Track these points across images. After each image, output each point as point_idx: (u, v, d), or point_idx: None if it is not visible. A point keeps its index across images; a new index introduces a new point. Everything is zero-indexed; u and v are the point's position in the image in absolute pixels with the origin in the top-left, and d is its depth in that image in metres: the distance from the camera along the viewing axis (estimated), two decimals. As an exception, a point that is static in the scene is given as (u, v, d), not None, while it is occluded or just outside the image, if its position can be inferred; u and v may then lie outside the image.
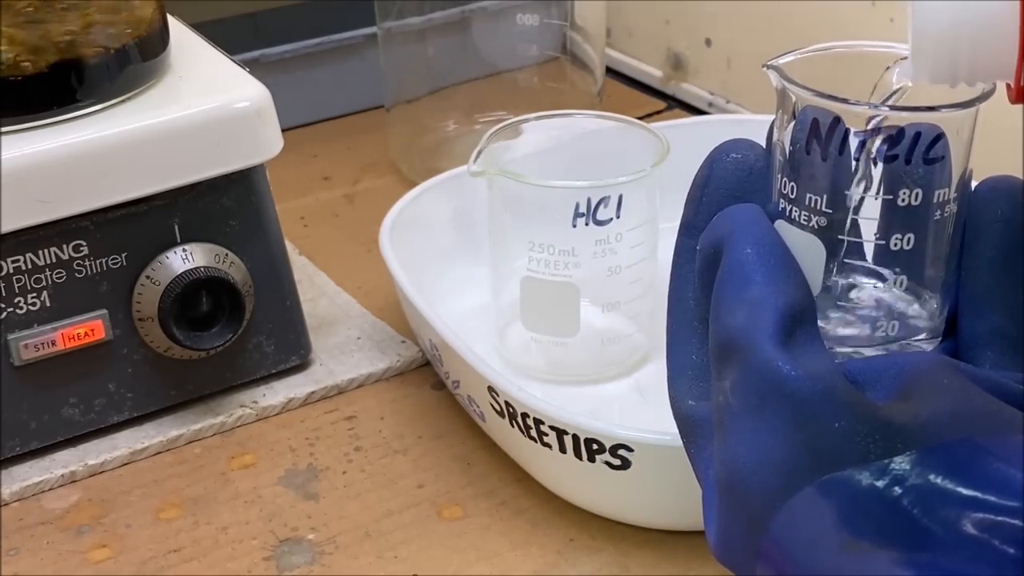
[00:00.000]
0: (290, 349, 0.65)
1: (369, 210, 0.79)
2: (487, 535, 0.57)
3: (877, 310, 0.38)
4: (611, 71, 0.96)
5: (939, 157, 0.35)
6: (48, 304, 0.58)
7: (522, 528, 0.57)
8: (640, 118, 0.67)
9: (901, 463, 0.31)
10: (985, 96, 0.35)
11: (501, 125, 0.63)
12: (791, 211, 0.36)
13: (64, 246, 0.58)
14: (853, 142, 0.35)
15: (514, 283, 0.62)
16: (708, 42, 0.92)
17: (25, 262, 0.57)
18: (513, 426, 0.56)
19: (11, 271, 0.57)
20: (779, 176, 0.37)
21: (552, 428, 0.54)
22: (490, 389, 0.56)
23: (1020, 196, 0.37)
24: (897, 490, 0.31)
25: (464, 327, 0.61)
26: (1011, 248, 0.37)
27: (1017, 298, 0.37)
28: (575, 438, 0.53)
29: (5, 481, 0.59)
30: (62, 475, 0.60)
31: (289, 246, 0.67)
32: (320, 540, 0.56)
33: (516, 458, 0.59)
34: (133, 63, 0.60)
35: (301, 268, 0.73)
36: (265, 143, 0.62)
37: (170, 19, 0.64)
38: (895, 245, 0.37)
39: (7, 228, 0.56)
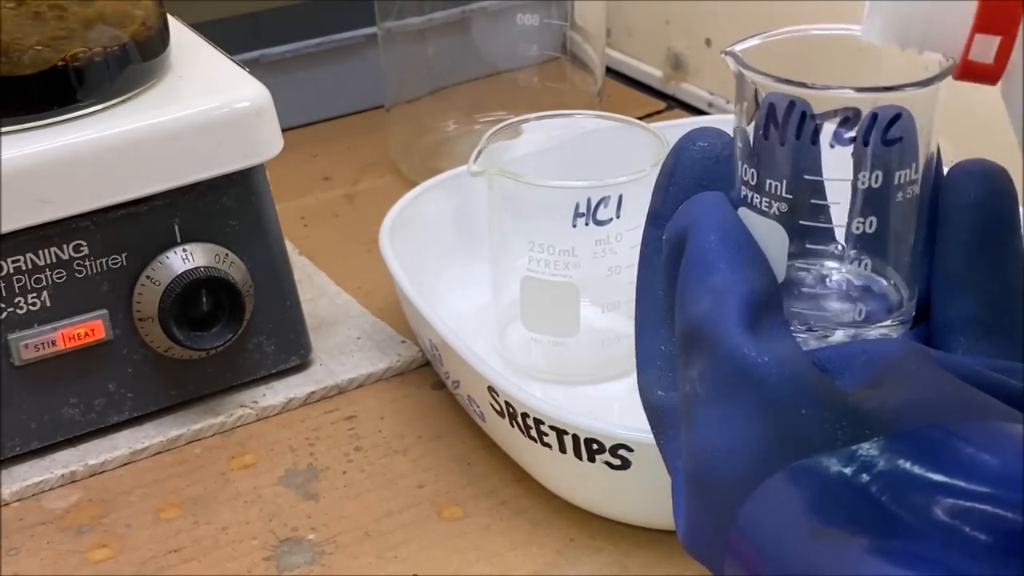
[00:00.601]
0: (290, 349, 0.65)
1: (369, 210, 0.79)
2: (487, 535, 0.57)
3: (842, 295, 0.37)
4: (611, 71, 0.96)
5: (897, 138, 0.35)
6: (48, 304, 0.58)
7: (522, 528, 0.57)
8: (640, 118, 0.67)
9: (869, 449, 0.31)
10: (943, 74, 0.35)
11: (501, 125, 0.63)
12: (752, 198, 0.36)
13: (64, 246, 0.58)
14: (809, 125, 0.35)
15: (514, 283, 0.62)
16: (708, 42, 0.92)
17: (25, 262, 0.57)
18: (513, 426, 0.56)
19: (11, 271, 0.57)
20: (740, 163, 0.37)
21: (552, 428, 0.54)
22: (490, 389, 0.56)
23: (994, 180, 0.36)
24: (865, 477, 0.30)
25: (464, 327, 0.61)
26: (984, 233, 0.36)
27: (990, 284, 0.36)
28: (575, 438, 0.53)
29: (5, 481, 0.59)
30: (62, 475, 0.60)
31: (289, 246, 0.67)
32: (320, 540, 0.56)
33: (516, 458, 0.59)
34: (133, 63, 0.60)
35: (301, 268, 0.73)
36: (265, 143, 0.62)
37: (170, 19, 0.64)
38: (857, 228, 0.36)
39: (7, 228, 0.56)
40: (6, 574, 0.55)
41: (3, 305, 0.57)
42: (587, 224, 0.59)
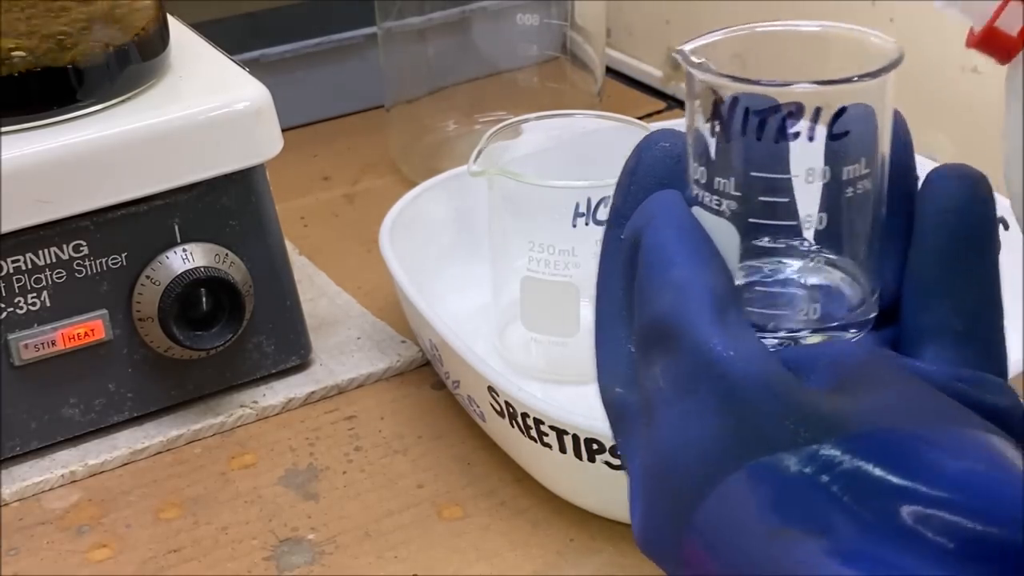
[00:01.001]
0: (290, 349, 0.65)
1: (369, 210, 0.79)
2: (487, 535, 0.57)
3: (795, 294, 0.37)
4: (611, 71, 0.96)
5: (844, 132, 0.34)
6: (48, 304, 0.58)
7: (522, 528, 0.57)
8: (640, 118, 0.67)
9: (831, 449, 0.30)
10: (891, 66, 0.34)
11: (501, 125, 0.63)
12: (703, 196, 0.36)
13: (64, 246, 0.58)
14: (753, 121, 0.34)
15: (514, 283, 0.62)
16: (708, 42, 0.92)
17: (25, 262, 0.57)
18: (513, 426, 0.56)
19: (11, 271, 0.57)
20: (691, 161, 0.36)
21: (552, 428, 0.53)
22: (490, 389, 0.56)
23: (973, 186, 0.36)
24: (826, 477, 0.30)
25: (464, 327, 0.61)
26: (960, 240, 0.36)
27: (964, 293, 0.36)
28: (575, 438, 0.53)
29: (5, 481, 0.59)
30: (62, 475, 0.60)
31: (289, 246, 0.67)
32: (320, 540, 0.56)
33: (516, 458, 0.59)
34: (133, 63, 0.60)
35: (301, 268, 0.73)
36: (265, 143, 0.62)
37: (170, 19, 0.64)
38: (807, 225, 0.36)
39: (7, 228, 0.56)
40: (6, 574, 0.55)
41: (3, 305, 0.57)
42: (587, 224, 0.59)
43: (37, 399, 0.59)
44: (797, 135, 0.34)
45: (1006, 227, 0.59)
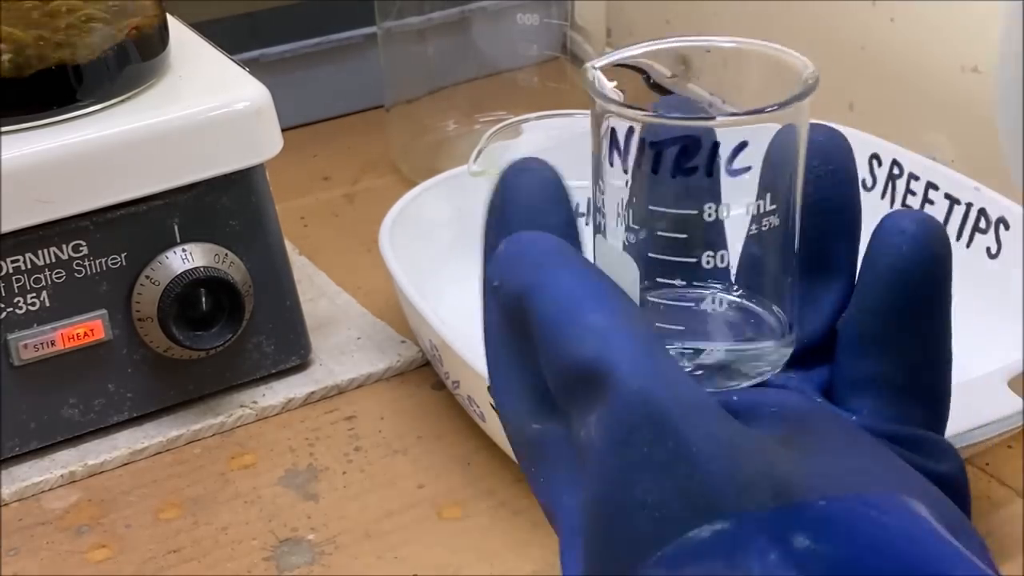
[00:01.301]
0: (290, 349, 0.65)
1: (369, 210, 0.79)
2: (487, 535, 0.57)
3: (700, 331, 0.35)
4: (611, 71, 0.96)
5: (745, 168, 0.33)
6: (48, 304, 0.58)
7: (522, 528, 0.57)
8: (640, 118, 0.67)
9: (779, 516, 0.29)
10: (803, 95, 0.33)
11: (501, 125, 0.63)
12: (603, 225, 0.34)
13: (64, 246, 0.58)
14: (648, 153, 0.33)
15: (514, 283, 0.62)
16: (708, 42, 0.92)
17: (25, 262, 0.57)
18: (513, 426, 0.56)
19: (11, 271, 0.57)
20: (594, 188, 0.34)
21: (552, 428, 0.53)
22: (490, 389, 0.56)
23: (925, 240, 0.34)
24: (775, 542, 0.29)
25: (464, 327, 0.61)
26: (908, 297, 0.34)
27: (907, 349, 0.34)
28: (575, 438, 0.53)
29: (5, 481, 0.59)
30: (62, 475, 0.60)
31: (289, 246, 0.67)
32: (320, 540, 0.56)
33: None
34: (133, 63, 0.60)
35: (301, 268, 0.73)
36: (265, 143, 0.62)
37: (170, 19, 0.64)
38: (707, 263, 0.34)
39: (7, 228, 0.56)
40: (6, 574, 0.55)
41: (3, 305, 0.57)
42: (587, 224, 0.59)
43: (37, 399, 0.59)
44: (694, 170, 0.33)
45: (1007, 227, 0.59)
